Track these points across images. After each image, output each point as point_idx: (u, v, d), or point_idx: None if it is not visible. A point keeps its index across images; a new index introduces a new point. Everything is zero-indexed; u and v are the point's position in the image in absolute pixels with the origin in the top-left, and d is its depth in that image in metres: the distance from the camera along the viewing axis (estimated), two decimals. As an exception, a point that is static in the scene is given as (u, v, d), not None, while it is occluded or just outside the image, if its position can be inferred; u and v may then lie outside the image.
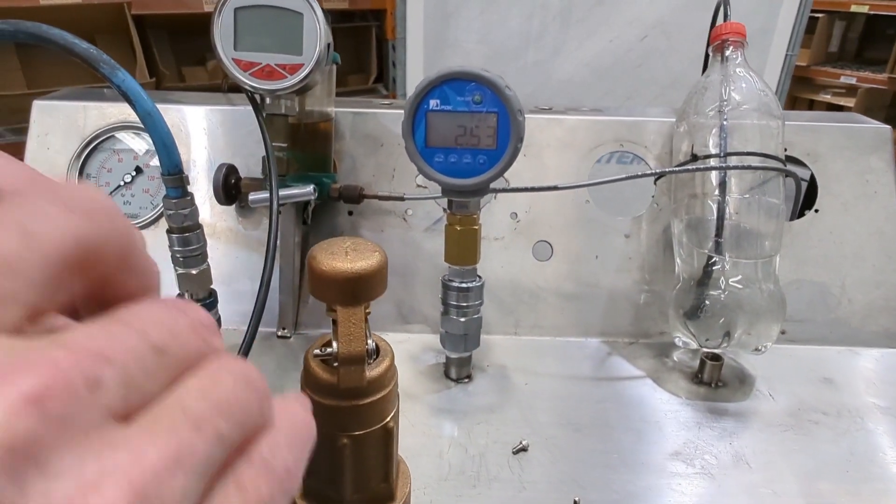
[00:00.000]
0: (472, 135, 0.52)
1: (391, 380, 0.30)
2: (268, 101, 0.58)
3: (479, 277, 0.58)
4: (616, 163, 0.71)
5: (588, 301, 0.69)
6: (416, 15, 2.13)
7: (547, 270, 0.69)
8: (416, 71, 2.20)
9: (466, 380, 0.61)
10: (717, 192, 0.61)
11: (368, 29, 2.69)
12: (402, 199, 0.65)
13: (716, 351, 0.61)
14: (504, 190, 0.64)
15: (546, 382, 0.61)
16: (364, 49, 2.72)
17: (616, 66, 2.06)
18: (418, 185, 0.70)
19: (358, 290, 0.26)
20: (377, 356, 0.28)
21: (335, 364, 0.27)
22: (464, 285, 0.57)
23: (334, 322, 0.28)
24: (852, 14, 3.15)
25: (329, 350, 0.26)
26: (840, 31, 3.34)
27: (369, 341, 0.27)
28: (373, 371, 0.29)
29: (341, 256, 0.28)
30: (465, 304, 0.58)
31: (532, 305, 0.69)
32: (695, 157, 0.61)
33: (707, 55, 0.74)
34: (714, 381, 0.61)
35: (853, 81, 3.04)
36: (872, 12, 3.01)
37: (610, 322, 0.69)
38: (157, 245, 0.68)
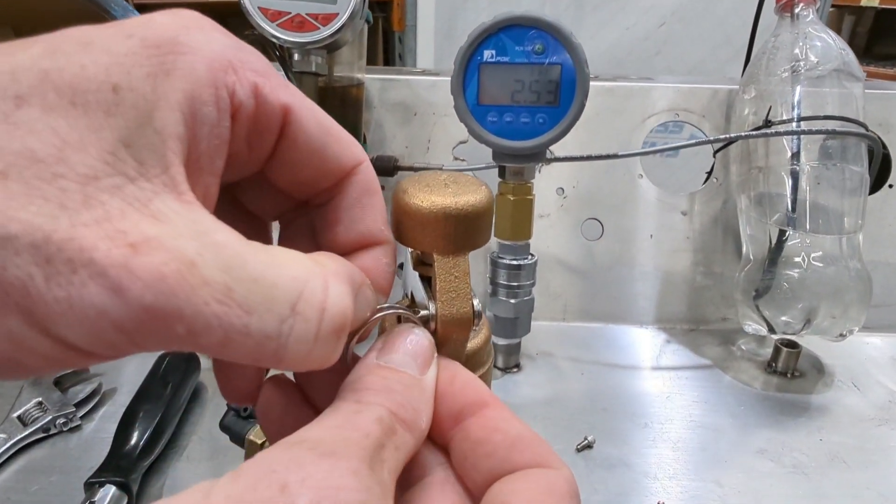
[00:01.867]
0: (531, 90, 0.46)
1: (489, 355, 0.25)
2: (296, 56, 0.52)
3: (532, 255, 0.52)
4: (670, 133, 0.65)
5: (642, 284, 0.63)
6: (426, 3, 2.08)
7: (596, 250, 0.63)
8: (426, 60, 2.15)
9: (515, 369, 0.55)
10: (791, 161, 0.55)
11: (374, 20, 2.64)
12: (440, 170, 0.59)
13: (791, 337, 0.55)
14: (556, 159, 0.58)
15: (603, 372, 0.55)
16: (370, 41, 2.66)
17: (633, 55, 2.01)
18: (455, 158, 0.64)
19: (462, 231, 0.20)
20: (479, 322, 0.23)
21: (432, 331, 0.21)
22: (515, 262, 0.51)
23: (424, 278, 0.22)
24: (862, 8, 3.10)
25: (424, 313, 0.20)
26: (849, 26, 3.29)
27: (475, 301, 0.21)
28: (471, 342, 0.23)
29: (440, 189, 0.22)
30: (515, 284, 0.52)
31: (581, 289, 0.63)
32: (769, 123, 0.55)
33: (755, 25, 0.68)
34: (790, 371, 0.55)
35: (863, 77, 2.99)
36: (882, 6, 2.96)
37: (666, 307, 0.63)
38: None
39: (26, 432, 0.45)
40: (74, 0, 0.46)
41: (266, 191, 0.21)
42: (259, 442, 0.39)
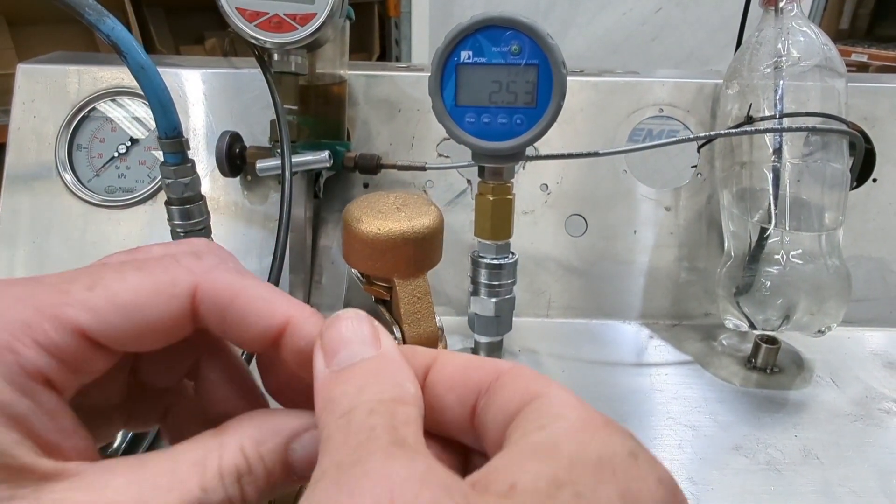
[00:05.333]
0: (508, 91, 0.46)
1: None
2: (275, 57, 0.52)
3: (513, 253, 0.52)
4: (655, 128, 0.65)
5: (626, 280, 0.63)
6: (421, -11, 2.06)
7: (581, 246, 0.63)
8: (421, 46, 2.14)
9: (497, 366, 0.56)
10: (773, 157, 0.55)
11: (370, 6, 2.61)
12: (423, 168, 0.59)
13: (771, 333, 0.56)
14: (537, 157, 0.58)
15: (585, 369, 0.56)
16: (366, 27, 2.64)
17: (629, 41, 1.99)
18: (440, 155, 0.64)
19: (420, 253, 0.21)
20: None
21: None
22: (496, 262, 0.51)
23: (383, 302, 0.22)
24: (864, -10, 3.06)
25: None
26: (851, 7, 3.26)
27: (438, 319, 0.21)
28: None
29: (393, 214, 0.22)
30: (496, 283, 0.52)
31: (565, 285, 0.63)
32: (750, 120, 0.55)
33: (744, 16, 0.68)
34: (769, 367, 0.56)
35: (864, 59, 2.96)
36: (884, -12, 2.93)
37: (650, 303, 0.63)
38: (155, 221, 0.63)
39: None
40: (54, 2, 0.45)
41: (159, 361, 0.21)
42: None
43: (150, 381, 0.21)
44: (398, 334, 0.21)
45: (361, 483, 0.14)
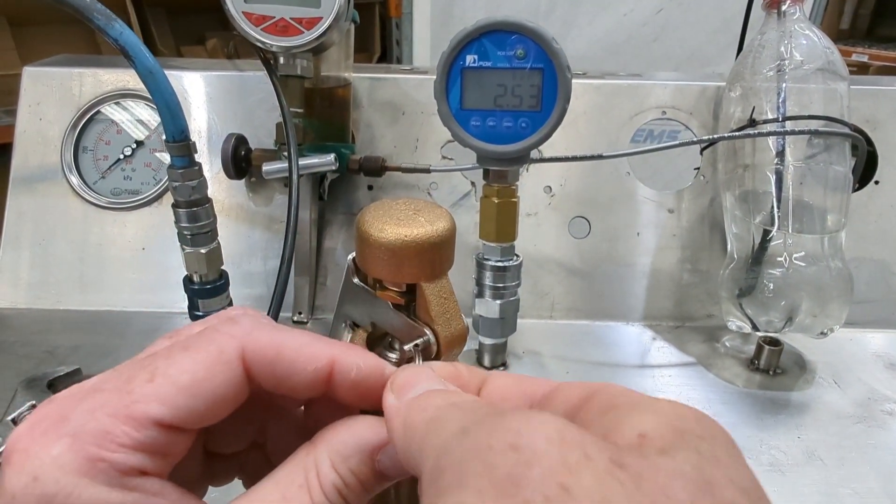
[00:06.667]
0: (513, 95, 0.46)
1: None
2: (281, 60, 0.53)
3: (518, 256, 0.53)
4: (657, 131, 0.65)
5: (629, 282, 0.64)
6: (422, -10, 2.06)
7: (584, 248, 0.64)
8: (423, 47, 2.14)
9: (502, 367, 0.56)
10: (776, 160, 0.55)
11: (371, 6, 2.61)
12: (427, 171, 0.59)
13: (774, 335, 0.56)
14: (541, 160, 0.59)
15: (589, 370, 0.56)
16: (367, 28, 2.64)
17: (630, 42, 1.99)
18: (444, 157, 0.64)
19: (442, 255, 0.22)
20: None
21: (434, 355, 0.22)
22: (500, 264, 0.52)
23: (398, 307, 0.23)
24: (864, -10, 3.06)
25: (421, 340, 0.21)
26: (851, 7, 3.26)
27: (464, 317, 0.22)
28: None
29: (413, 220, 0.22)
30: (501, 286, 0.52)
31: (568, 287, 0.64)
32: (753, 122, 0.56)
33: (746, 19, 0.68)
34: (772, 368, 0.56)
35: (865, 59, 2.96)
36: (885, -12, 2.93)
37: (653, 304, 0.63)
38: (161, 223, 0.63)
39: (20, 435, 0.46)
40: (62, 6, 0.46)
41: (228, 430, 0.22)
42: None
43: (223, 451, 0.23)
44: (431, 336, 0.21)
45: (507, 422, 0.14)
